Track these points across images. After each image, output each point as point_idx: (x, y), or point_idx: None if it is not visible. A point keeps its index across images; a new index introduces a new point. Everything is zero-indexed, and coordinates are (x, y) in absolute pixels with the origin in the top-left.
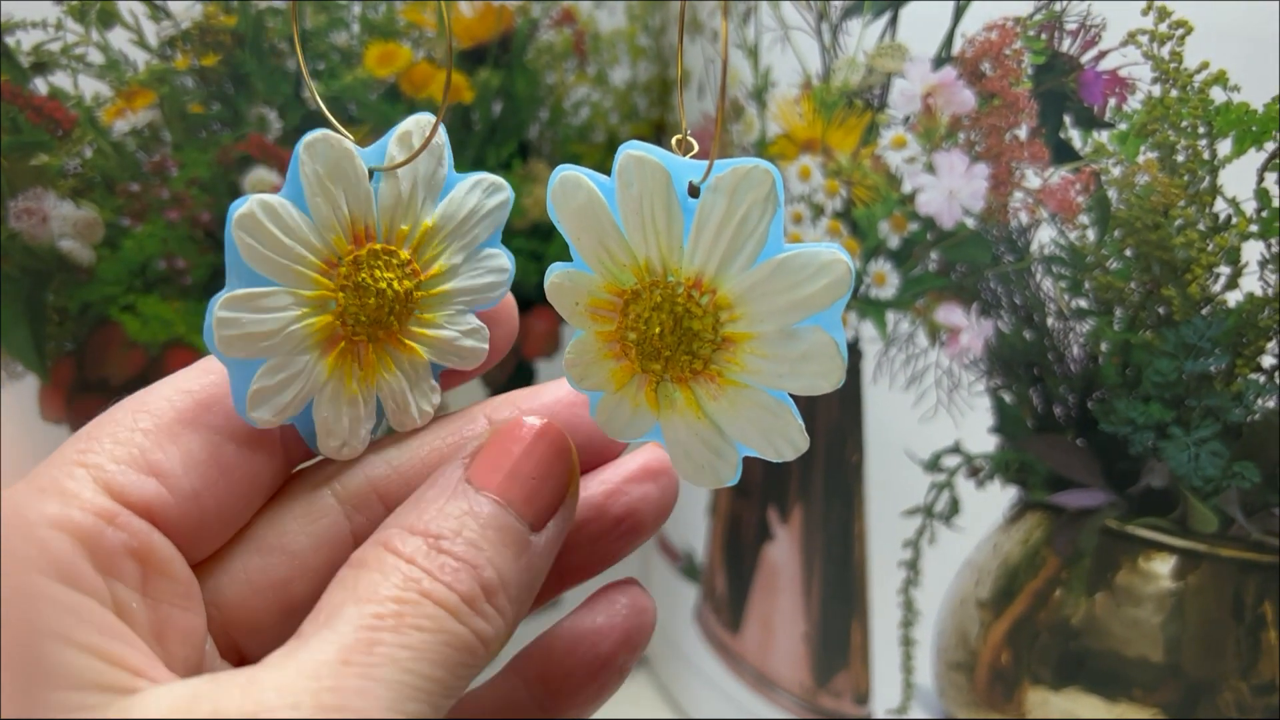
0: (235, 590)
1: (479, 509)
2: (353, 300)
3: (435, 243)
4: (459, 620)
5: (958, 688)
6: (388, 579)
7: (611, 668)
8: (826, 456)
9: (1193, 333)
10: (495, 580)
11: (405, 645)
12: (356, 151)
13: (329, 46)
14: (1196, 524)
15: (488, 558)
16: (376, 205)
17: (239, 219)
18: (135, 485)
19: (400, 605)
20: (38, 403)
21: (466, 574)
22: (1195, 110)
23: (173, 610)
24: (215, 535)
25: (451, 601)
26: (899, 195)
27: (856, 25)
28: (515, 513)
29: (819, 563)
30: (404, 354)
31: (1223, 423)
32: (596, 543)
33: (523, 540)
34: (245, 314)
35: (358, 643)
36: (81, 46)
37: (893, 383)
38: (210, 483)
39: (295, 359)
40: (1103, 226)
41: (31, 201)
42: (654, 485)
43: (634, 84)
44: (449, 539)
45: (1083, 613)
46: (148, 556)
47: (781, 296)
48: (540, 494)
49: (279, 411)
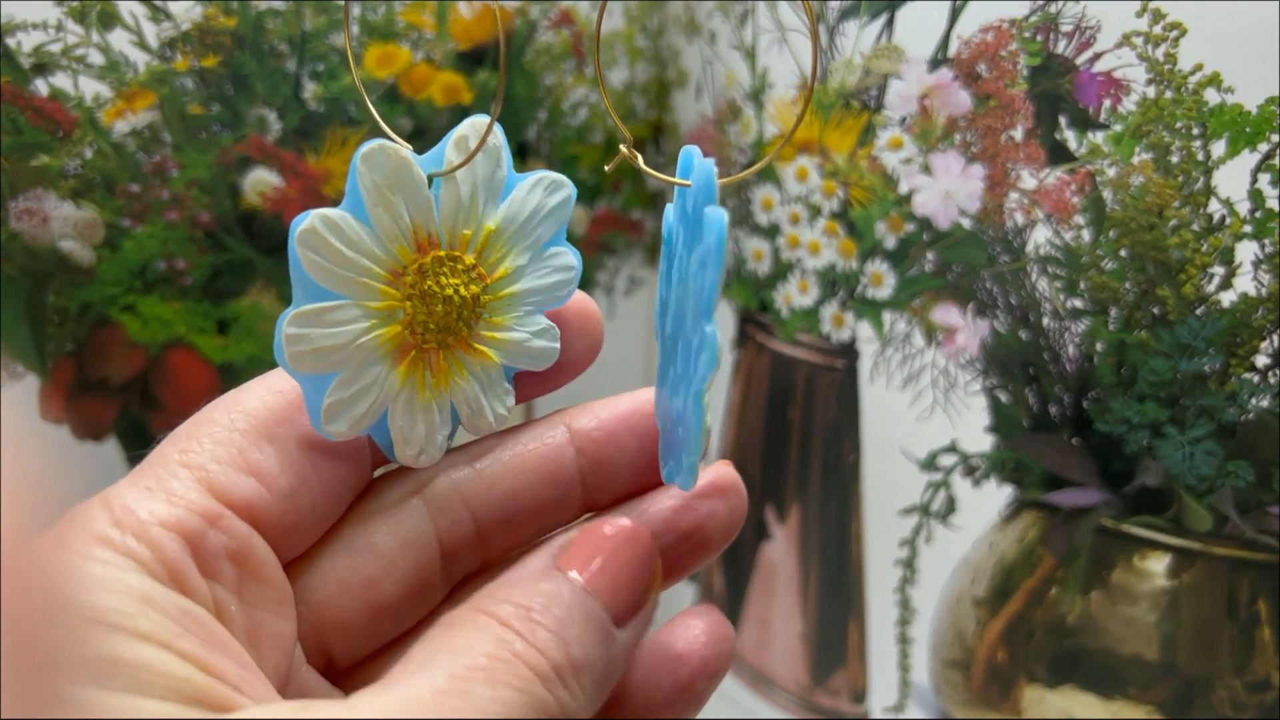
0: (325, 589)
1: (567, 592)
2: (420, 308)
3: (499, 245)
4: (546, 687)
5: (954, 686)
6: (482, 637)
7: (689, 695)
8: (823, 456)
9: (1187, 333)
10: (581, 658)
11: (495, 700)
12: (414, 159)
13: (328, 48)
14: (1191, 522)
15: (575, 635)
16: (438, 212)
17: (301, 235)
18: (237, 485)
19: (493, 661)
20: (38, 403)
21: (557, 644)
22: (1189, 112)
23: (265, 615)
24: (307, 534)
25: (542, 667)
26: (895, 196)
27: (853, 27)
28: (600, 603)
29: (816, 562)
30: (475, 359)
31: (1217, 422)
32: (665, 557)
33: (606, 630)
34: (314, 329)
35: (451, 688)
36: (82, 48)
37: (889, 382)
38: (305, 481)
39: (367, 371)
40: (1098, 227)
41: (32, 202)
42: (723, 502)
43: (632, 85)
44: (539, 611)
45: (1078, 611)
46: (245, 559)
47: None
48: (625, 590)
49: (354, 424)
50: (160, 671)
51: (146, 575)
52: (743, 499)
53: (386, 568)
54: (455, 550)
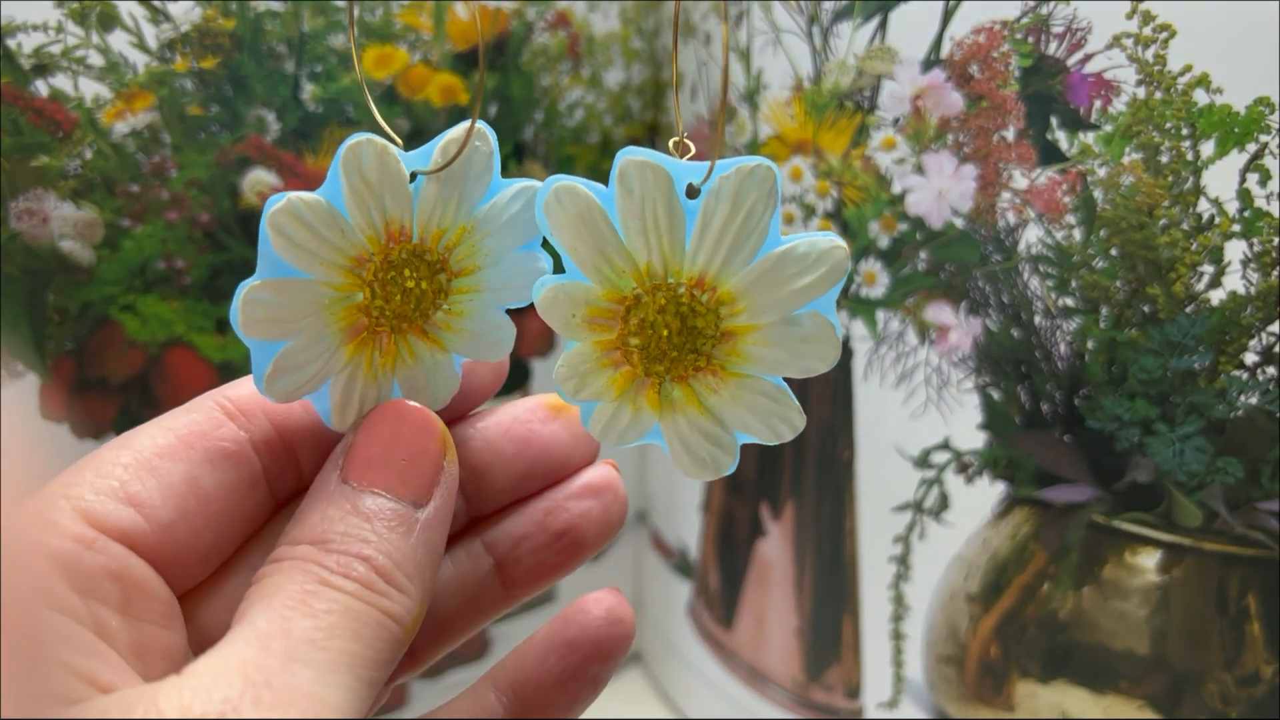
0: (226, 617)
1: (361, 505)
2: (379, 295)
3: (470, 244)
4: (362, 601)
5: (948, 681)
6: (290, 578)
7: (583, 679)
8: (818, 453)
9: (1177, 330)
10: (388, 564)
11: (317, 626)
12: (400, 155)
13: (326, 49)
14: (1181, 518)
15: (376, 547)
16: (415, 206)
17: (273, 214)
18: (113, 513)
19: (305, 594)
20: (38, 401)
21: (360, 565)
22: (1179, 112)
23: (152, 629)
24: (198, 563)
25: (350, 587)
26: (889, 196)
27: (847, 28)
28: (394, 497)
29: (811, 558)
30: (426, 344)
31: (1206, 419)
32: (538, 556)
33: (410, 519)
34: (271, 297)
35: (272, 630)
36: (82, 49)
37: (883, 380)
38: (187, 512)
39: (316, 343)
40: (1089, 226)
41: (32, 202)
42: (596, 501)
43: (628, 86)
44: (335, 541)
45: (1070, 606)
46: (125, 577)
47: (784, 287)
48: (415, 472)
49: (295, 389)
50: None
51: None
52: (619, 498)
53: None
54: None
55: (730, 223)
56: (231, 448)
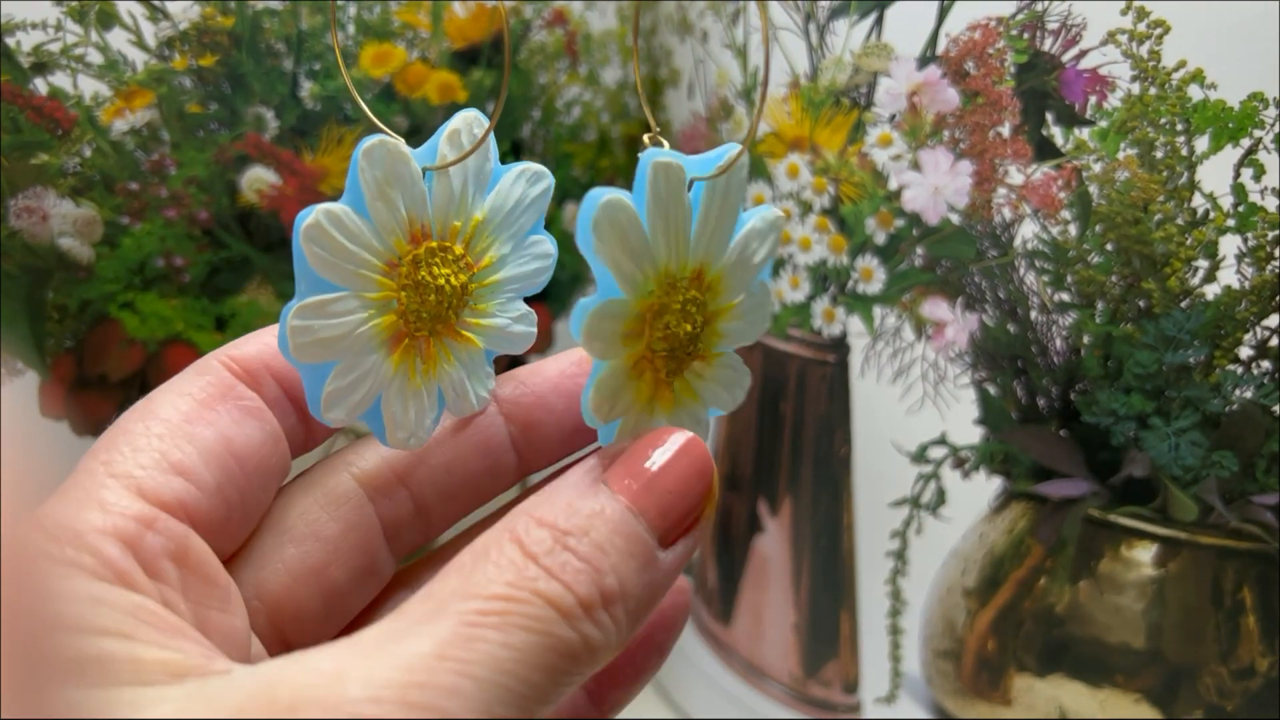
0: (277, 581)
1: (610, 512)
2: (414, 298)
3: (485, 235)
4: (570, 625)
5: (945, 675)
6: (502, 573)
7: (649, 648)
8: (815, 449)
9: (1172, 325)
10: (616, 588)
11: (507, 645)
12: (410, 154)
13: (325, 48)
14: (1177, 512)
15: (612, 564)
16: (430, 204)
17: (306, 230)
18: (166, 486)
19: (508, 603)
20: (38, 399)
21: (587, 577)
22: (1173, 108)
23: (211, 613)
24: (240, 527)
25: (566, 603)
26: (885, 192)
27: (843, 25)
28: (646, 524)
29: (808, 554)
30: (461, 344)
31: (1202, 413)
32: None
33: (650, 554)
34: (316, 320)
35: (456, 637)
36: (81, 47)
37: (880, 376)
38: (229, 474)
39: (364, 359)
40: (1084, 222)
41: (31, 200)
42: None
43: (625, 84)
44: (575, 536)
45: (1066, 600)
46: (185, 559)
47: (750, 263)
48: (675, 510)
49: (351, 410)
50: (127, 659)
51: (93, 579)
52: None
53: (333, 553)
54: (397, 528)
55: (723, 213)
56: (252, 404)
